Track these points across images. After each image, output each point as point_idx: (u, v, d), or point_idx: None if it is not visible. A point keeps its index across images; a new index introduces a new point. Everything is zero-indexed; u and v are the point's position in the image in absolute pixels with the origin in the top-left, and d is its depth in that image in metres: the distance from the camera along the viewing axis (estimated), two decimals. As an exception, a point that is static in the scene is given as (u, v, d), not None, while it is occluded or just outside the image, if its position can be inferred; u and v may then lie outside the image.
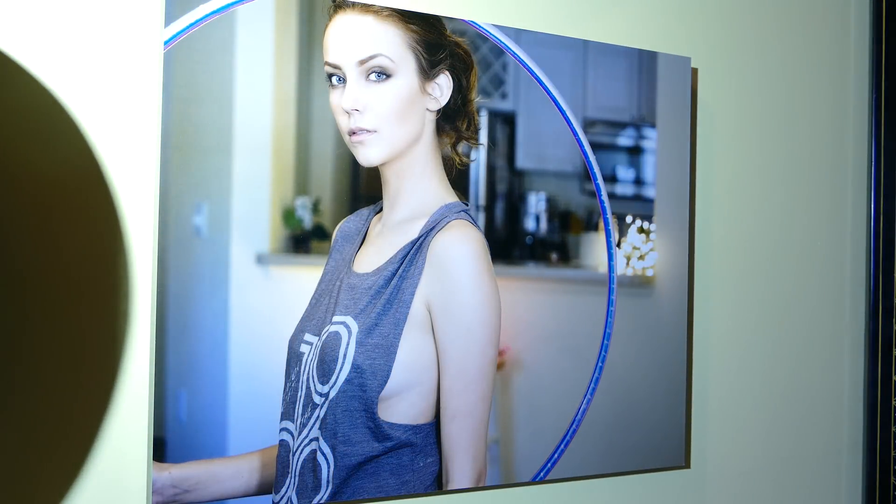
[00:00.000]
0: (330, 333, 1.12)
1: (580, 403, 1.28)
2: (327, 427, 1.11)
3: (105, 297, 1.02)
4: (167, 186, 1.04)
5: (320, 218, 1.14)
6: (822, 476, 1.58)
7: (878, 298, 1.58)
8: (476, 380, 1.16)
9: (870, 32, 1.62)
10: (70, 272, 1.00)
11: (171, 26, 1.04)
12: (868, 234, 1.60)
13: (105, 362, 1.02)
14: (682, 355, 1.37)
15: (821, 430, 1.58)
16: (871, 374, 1.59)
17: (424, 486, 1.15)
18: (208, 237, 1.08)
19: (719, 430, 1.46)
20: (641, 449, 1.34)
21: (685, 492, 1.43)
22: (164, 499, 1.03)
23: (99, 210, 1.01)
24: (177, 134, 1.05)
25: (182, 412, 1.05)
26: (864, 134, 1.62)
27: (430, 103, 1.17)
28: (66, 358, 0.99)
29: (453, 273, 1.16)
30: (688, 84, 1.37)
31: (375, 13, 1.13)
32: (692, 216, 1.40)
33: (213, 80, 1.07)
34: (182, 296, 1.05)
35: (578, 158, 1.29)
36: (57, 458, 0.99)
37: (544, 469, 1.26)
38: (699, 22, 1.45)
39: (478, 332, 1.16)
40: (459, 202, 1.19)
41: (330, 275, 1.15)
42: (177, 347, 1.04)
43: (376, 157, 1.15)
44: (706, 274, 1.45)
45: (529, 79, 1.25)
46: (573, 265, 1.30)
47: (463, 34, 1.19)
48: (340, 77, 1.13)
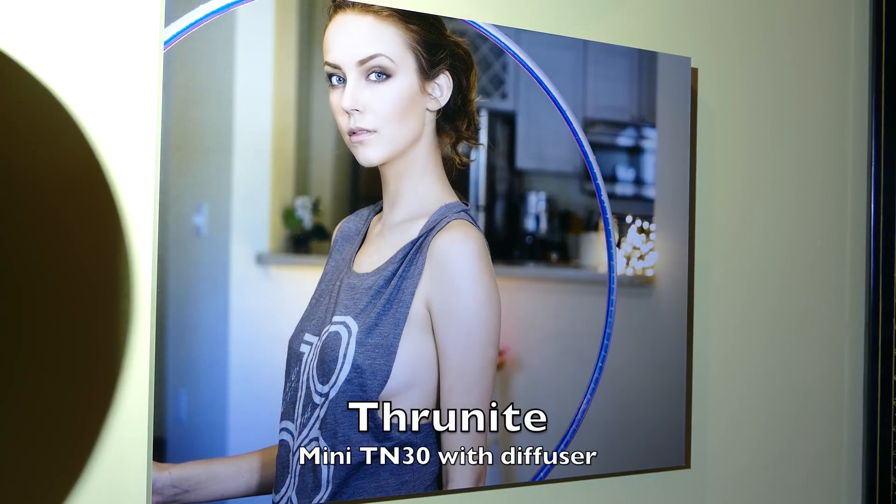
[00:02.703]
0: (330, 333, 1.12)
1: (580, 403, 1.28)
2: (327, 427, 1.11)
3: (105, 297, 1.02)
4: (167, 186, 1.04)
5: (320, 218, 1.14)
6: (822, 476, 1.58)
7: (879, 299, 1.58)
8: (476, 380, 1.16)
9: (870, 32, 1.62)
10: (70, 272, 1.00)
11: (171, 26, 1.04)
12: (868, 234, 1.60)
13: (105, 362, 1.02)
14: (682, 355, 1.37)
15: (821, 430, 1.58)
16: (871, 374, 1.59)
17: (424, 486, 1.15)
18: (208, 237, 1.08)
19: (719, 430, 1.46)
20: (641, 449, 1.34)
21: (685, 492, 1.43)
22: (164, 499, 1.03)
23: (99, 210, 1.01)
24: (177, 134, 1.05)
25: (182, 412, 1.05)
26: (864, 134, 1.62)
27: (430, 103, 1.17)
28: (67, 358, 0.99)
29: (453, 273, 1.16)
30: (688, 84, 1.37)
31: (375, 13, 1.13)
32: (692, 216, 1.40)
33: (213, 80, 1.07)
34: (182, 296, 1.05)
35: (578, 158, 1.29)
36: (57, 458, 0.99)
37: (544, 469, 1.26)
38: (699, 22, 1.45)
39: (478, 333, 1.16)
40: (459, 202, 1.19)
41: (330, 275, 1.15)
42: (177, 347, 1.04)
43: (376, 157, 1.15)
44: (706, 274, 1.45)
45: (529, 79, 1.25)
46: (573, 265, 1.30)
47: (463, 34, 1.19)
48: (340, 77, 1.13)
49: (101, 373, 1.01)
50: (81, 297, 1.00)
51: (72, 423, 1.00)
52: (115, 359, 1.02)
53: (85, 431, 1.00)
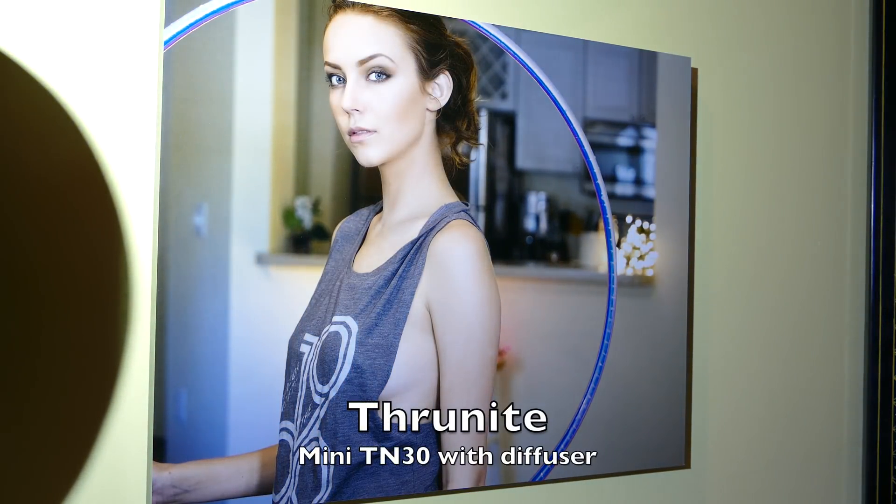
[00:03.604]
0: (330, 333, 1.12)
1: (580, 403, 1.28)
2: (327, 427, 1.11)
3: (105, 297, 1.02)
4: (167, 186, 1.04)
5: (320, 218, 1.14)
6: (822, 476, 1.58)
7: (878, 299, 1.58)
8: (476, 379, 1.16)
9: (870, 32, 1.62)
10: (70, 272, 1.00)
11: (171, 26, 1.04)
12: (868, 234, 1.60)
13: (105, 362, 1.02)
14: (682, 355, 1.37)
15: (821, 430, 1.58)
16: (871, 374, 1.59)
17: (424, 486, 1.15)
18: (208, 237, 1.08)
19: (719, 430, 1.46)
20: (641, 449, 1.34)
21: (685, 492, 1.43)
22: (164, 499, 1.03)
23: (99, 210, 1.01)
24: (177, 134, 1.05)
25: (182, 412, 1.05)
26: (864, 134, 1.62)
27: (430, 103, 1.17)
28: (66, 358, 0.99)
29: (453, 273, 1.16)
30: (688, 84, 1.37)
31: (375, 13, 1.13)
32: (692, 216, 1.40)
33: (213, 80, 1.07)
34: (182, 296, 1.05)
35: (578, 158, 1.29)
36: (57, 457, 0.99)
37: (544, 469, 1.26)
38: (699, 22, 1.45)
39: (478, 332, 1.16)
40: (459, 202, 1.19)
41: (330, 275, 1.15)
42: (177, 347, 1.04)
43: (376, 157, 1.15)
44: (706, 274, 1.45)
45: (529, 79, 1.25)
46: (573, 265, 1.30)
47: (463, 34, 1.19)
48: (340, 77, 1.13)
49: (101, 373, 1.01)
50: (81, 297, 1.00)
51: (72, 423, 1.00)
52: (115, 359, 1.02)
53: (85, 431, 1.00)
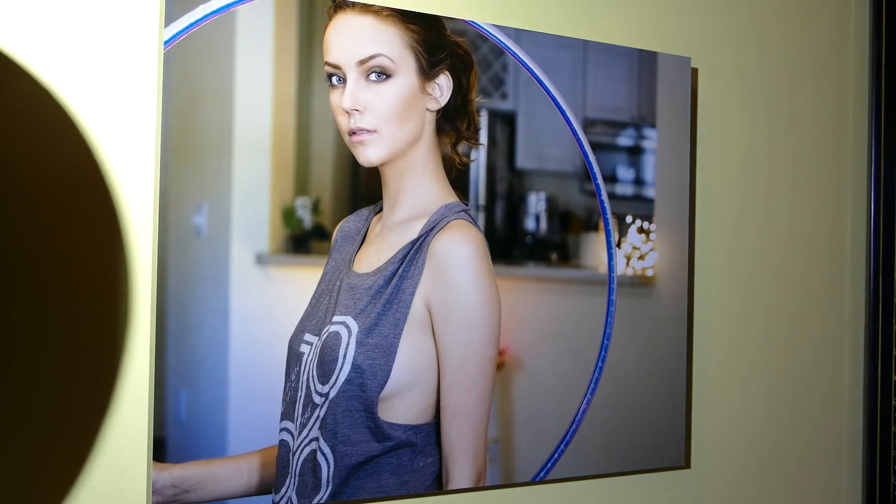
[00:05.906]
0: (330, 333, 1.12)
1: (580, 403, 1.28)
2: (327, 427, 1.11)
3: (105, 297, 1.02)
4: (167, 186, 1.05)
5: (320, 218, 1.14)
6: (822, 476, 1.58)
7: (878, 299, 1.58)
8: (476, 379, 1.16)
9: (870, 32, 1.62)
10: (70, 272, 1.00)
11: (171, 26, 1.04)
12: (868, 234, 1.60)
13: (105, 362, 1.02)
14: (682, 355, 1.37)
15: (821, 430, 1.58)
16: (871, 374, 1.59)
17: (424, 486, 1.15)
18: (208, 237, 1.08)
19: (719, 430, 1.46)
20: (641, 449, 1.34)
21: (685, 492, 1.43)
22: (164, 499, 1.03)
23: (99, 210, 1.01)
24: (177, 134, 1.05)
25: (182, 412, 1.05)
26: (864, 134, 1.62)
27: (430, 103, 1.17)
28: (66, 358, 0.99)
29: (453, 273, 1.16)
30: (688, 84, 1.37)
31: (375, 13, 1.13)
32: (692, 216, 1.40)
33: (213, 80, 1.07)
34: (182, 296, 1.05)
35: (578, 158, 1.29)
36: (57, 458, 0.99)
37: (544, 469, 1.26)
38: (699, 22, 1.45)
39: (478, 332, 1.16)
40: (459, 202, 1.19)
41: (330, 275, 1.15)
42: (177, 347, 1.04)
43: (376, 157, 1.15)
44: (706, 274, 1.45)
45: (529, 79, 1.25)
46: (573, 265, 1.30)
47: (463, 34, 1.19)
48: (340, 77, 1.13)
49: (101, 373, 1.01)
50: (81, 297, 1.00)
51: (72, 423, 1.00)
52: (115, 359, 1.02)
53: (85, 431, 1.00)
